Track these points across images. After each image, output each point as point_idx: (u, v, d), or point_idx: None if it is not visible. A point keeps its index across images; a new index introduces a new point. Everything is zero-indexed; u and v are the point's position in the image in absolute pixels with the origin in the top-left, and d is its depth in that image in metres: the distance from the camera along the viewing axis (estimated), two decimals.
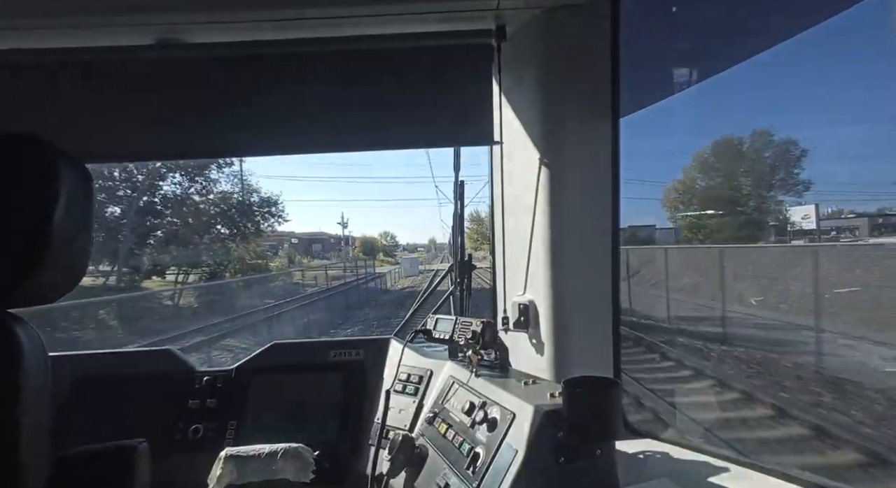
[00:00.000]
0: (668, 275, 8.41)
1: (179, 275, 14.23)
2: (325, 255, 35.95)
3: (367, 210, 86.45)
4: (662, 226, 14.10)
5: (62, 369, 1.37)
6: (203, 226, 14.83)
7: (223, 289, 11.21)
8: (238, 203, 15.80)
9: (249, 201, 16.20)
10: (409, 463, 1.09)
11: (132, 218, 13.36)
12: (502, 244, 1.37)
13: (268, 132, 1.33)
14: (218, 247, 14.99)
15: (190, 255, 14.30)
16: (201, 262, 14.65)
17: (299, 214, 58.37)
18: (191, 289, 12.33)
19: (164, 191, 14.65)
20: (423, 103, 1.31)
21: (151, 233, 14.09)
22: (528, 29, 1.22)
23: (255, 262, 15.92)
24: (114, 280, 12.90)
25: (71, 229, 0.73)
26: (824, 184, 10.71)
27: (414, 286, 21.39)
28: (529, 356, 1.24)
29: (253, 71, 1.30)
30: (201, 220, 14.90)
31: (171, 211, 14.72)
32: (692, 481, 0.95)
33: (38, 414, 0.71)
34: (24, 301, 0.73)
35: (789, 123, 10.75)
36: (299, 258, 23.60)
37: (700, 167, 13.01)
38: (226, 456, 1.14)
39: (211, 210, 15.24)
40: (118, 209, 13.59)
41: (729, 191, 11.34)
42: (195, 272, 14.60)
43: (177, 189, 14.88)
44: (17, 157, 0.69)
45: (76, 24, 1.15)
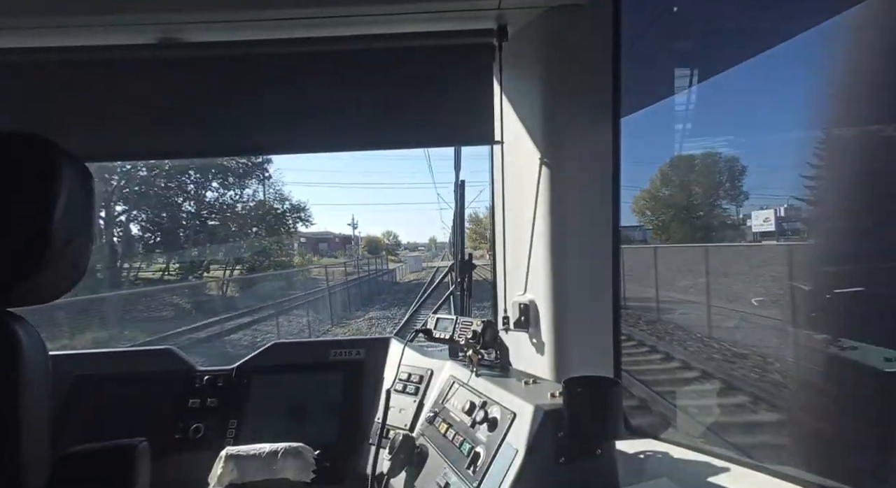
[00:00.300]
0: (626, 268, 9.28)
1: (226, 270, 16.87)
2: (332, 254, 38.37)
3: (370, 211, 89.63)
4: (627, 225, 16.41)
5: (63, 368, 1.37)
6: (244, 229, 17.67)
7: (263, 280, 13.35)
8: (273, 210, 18.84)
9: (283, 208, 19.31)
10: (409, 463, 1.09)
11: (183, 221, 16.06)
12: (503, 244, 1.37)
13: (268, 131, 1.33)
14: (256, 246, 17.67)
15: (233, 253, 16.99)
16: (243, 259, 17.27)
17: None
18: (236, 281, 14.66)
19: (208, 198, 17.36)
20: (423, 103, 1.31)
21: (201, 234, 16.57)
22: (529, 28, 1.22)
23: (281, 260, 18.54)
24: (172, 274, 15.49)
25: (71, 228, 0.72)
26: (758, 195, 12.78)
27: (418, 279, 25.27)
28: (530, 356, 1.24)
29: (253, 70, 1.30)
30: (243, 224, 17.72)
31: (218, 216, 17.39)
32: (692, 481, 0.95)
33: (38, 412, 0.71)
34: (25, 300, 0.73)
35: (733, 142, 12.70)
36: (309, 256, 25.82)
37: (661, 178, 15.53)
38: (226, 455, 1.14)
39: (251, 214, 18.18)
40: (169, 212, 16.07)
41: (685, 199, 13.69)
42: (237, 267, 17.33)
43: (221, 197, 17.73)
44: (17, 156, 0.69)
45: (77, 22, 1.15)
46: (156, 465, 0.86)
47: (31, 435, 0.69)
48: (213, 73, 1.29)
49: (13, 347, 0.69)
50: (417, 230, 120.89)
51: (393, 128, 1.33)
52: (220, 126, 1.33)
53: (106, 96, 1.29)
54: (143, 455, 0.82)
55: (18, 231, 0.67)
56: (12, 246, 0.67)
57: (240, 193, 18.06)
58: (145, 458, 0.83)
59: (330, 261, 21.99)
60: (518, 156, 1.27)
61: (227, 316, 10.46)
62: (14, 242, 0.67)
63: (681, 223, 13.67)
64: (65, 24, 1.16)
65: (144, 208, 15.55)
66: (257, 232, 18.09)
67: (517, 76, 1.27)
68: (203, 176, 16.60)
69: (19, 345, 0.69)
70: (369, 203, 75.83)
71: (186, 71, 1.29)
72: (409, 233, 78.50)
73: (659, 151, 12.75)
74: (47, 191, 0.68)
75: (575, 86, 1.18)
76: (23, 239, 0.67)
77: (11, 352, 0.68)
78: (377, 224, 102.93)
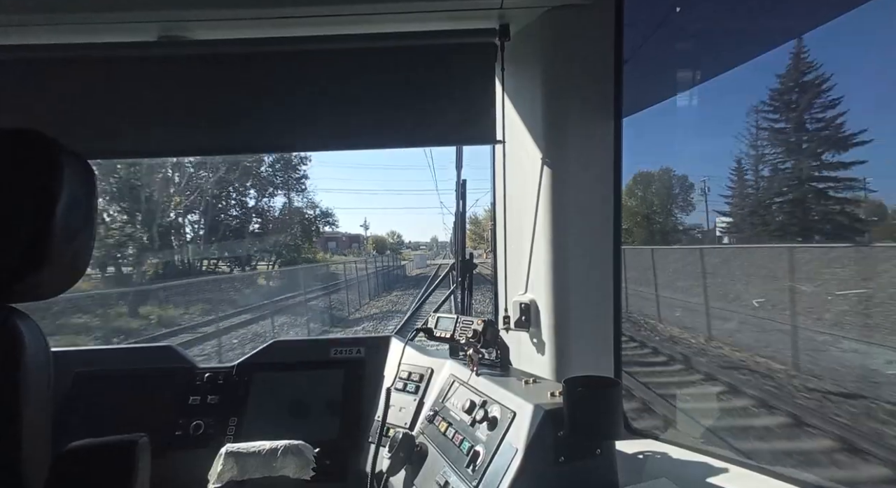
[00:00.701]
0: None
1: (269, 264, 20.57)
2: (341, 252, 42.25)
3: (374, 213, 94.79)
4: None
5: (64, 365, 1.37)
6: (282, 230, 21.36)
7: (297, 273, 15.42)
8: (306, 216, 23.29)
9: (314, 214, 23.71)
10: (409, 461, 1.09)
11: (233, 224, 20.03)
12: (504, 243, 1.37)
13: (269, 129, 1.33)
14: (291, 244, 21.38)
15: (275, 250, 20.78)
16: (282, 254, 20.92)
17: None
18: (277, 273, 17.62)
19: (251, 206, 21.36)
20: (426, 102, 1.31)
21: (247, 234, 20.43)
22: (531, 28, 1.22)
23: (308, 256, 22.54)
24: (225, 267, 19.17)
25: (73, 224, 0.73)
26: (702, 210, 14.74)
27: (424, 273, 30.16)
28: (530, 355, 1.24)
29: (255, 68, 1.30)
30: (281, 227, 21.56)
31: (260, 220, 21.54)
32: (692, 481, 0.95)
33: (39, 408, 0.71)
34: (27, 296, 0.73)
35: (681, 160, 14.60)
36: (321, 254, 29.24)
37: (626, 191, 17.43)
38: (226, 452, 1.14)
39: (288, 219, 22.02)
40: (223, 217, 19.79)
41: (646, 209, 15.71)
42: (277, 262, 20.91)
43: (260, 203, 21.62)
44: (19, 153, 0.69)
45: (79, 20, 1.16)
46: (156, 462, 0.86)
47: (32, 431, 0.69)
48: (214, 70, 1.29)
49: (15, 343, 0.69)
50: (419, 230, 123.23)
51: (395, 127, 1.33)
52: (221, 124, 1.33)
53: (108, 94, 1.29)
54: (144, 450, 0.82)
55: (20, 227, 0.68)
56: (14, 242, 0.67)
57: (280, 201, 22.55)
58: (146, 454, 0.83)
59: (344, 259, 25.45)
60: (519, 155, 1.27)
61: (291, 294, 12.79)
62: (16, 239, 0.67)
63: (642, 228, 15.83)
64: (66, 22, 1.16)
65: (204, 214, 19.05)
66: (293, 233, 21.75)
67: (519, 76, 1.27)
68: (246, 185, 20.57)
69: (21, 340, 0.69)
70: (376, 207, 79.97)
71: (187, 68, 1.29)
72: (412, 233, 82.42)
73: (628, 166, 14.87)
74: (49, 188, 0.69)
75: (577, 85, 1.18)
76: (25, 235, 0.68)
77: (13, 348, 0.68)
78: (381, 225, 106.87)
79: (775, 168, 9.34)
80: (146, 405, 1.37)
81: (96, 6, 1.11)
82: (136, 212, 15.21)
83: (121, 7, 1.12)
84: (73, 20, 1.16)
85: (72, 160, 0.72)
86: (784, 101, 8.07)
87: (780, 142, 8.78)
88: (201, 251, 18.40)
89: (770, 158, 9.30)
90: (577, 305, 1.18)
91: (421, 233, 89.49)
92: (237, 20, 1.19)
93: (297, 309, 12.01)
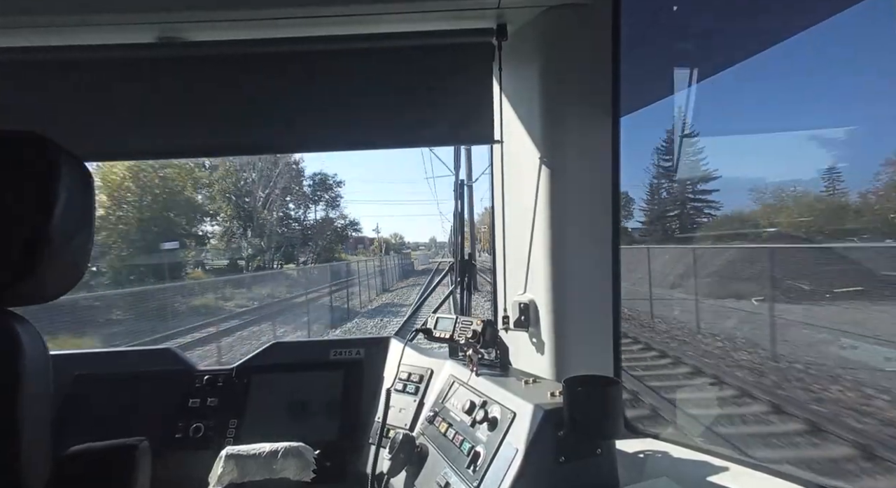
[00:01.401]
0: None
1: (309, 261, 25.01)
2: (351, 251, 47.13)
3: (381, 218, 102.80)
4: None
5: (63, 368, 1.37)
6: (317, 235, 27.31)
7: (328, 268, 17.73)
8: (336, 224, 29.26)
9: (345, 223, 30.04)
10: (409, 462, 1.09)
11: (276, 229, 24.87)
12: (503, 243, 1.37)
13: (267, 131, 1.33)
14: (325, 246, 27.07)
15: (313, 251, 26.14)
16: (319, 254, 25.94)
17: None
18: (314, 268, 19.97)
19: (294, 215, 27.03)
20: (423, 102, 1.31)
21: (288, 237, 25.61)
22: (529, 28, 1.22)
23: (337, 256, 27.65)
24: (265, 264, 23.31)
25: (71, 227, 0.72)
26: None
27: (428, 267, 37.31)
28: (530, 355, 1.24)
29: (253, 70, 1.30)
30: (318, 232, 27.42)
31: (301, 227, 27.09)
32: (692, 480, 0.95)
33: (38, 412, 0.71)
34: (24, 299, 0.73)
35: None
36: (343, 254, 33.73)
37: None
38: (226, 454, 1.14)
39: (323, 227, 28.02)
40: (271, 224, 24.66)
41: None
42: (311, 259, 25.45)
43: (302, 215, 27.59)
44: (17, 155, 0.69)
45: (76, 22, 1.15)
46: (156, 465, 0.86)
47: (31, 435, 0.69)
48: (211, 72, 1.29)
49: (13, 347, 0.68)
50: (419, 231, 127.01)
51: (392, 128, 1.33)
52: (218, 125, 1.33)
53: (106, 95, 1.29)
54: (144, 454, 0.82)
55: (18, 230, 0.67)
56: (12, 245, 0.67)
57: (319, 212, 28.58)
58: (146, 458, 0.83)
59: (364, 258, 29.70)
60: (518, 155, 1.27)
61: (335, 282, 15.57)
62: (14, 241, 0.67)
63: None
64: (64, 24, 1.16)
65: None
66: (329, 237, 28.08)
67: (517, 75, 1.27)
68: (294, 200, 26.63)
69: (19, 344, 0.69)
70: (384, 215, 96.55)
71: (185, 70, 1.29)
72: (413, 235, 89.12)
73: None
74: (47, 190, 0.68)
75: (575, 85, 1.18)
76: (23, 238, 0.67)
77: (12, 352, 0.68)
78: (385, 227, 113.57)
79: (667, 192, 14.14)
80: (146, 407, 1.36)
81: (94, 8, 1.11)
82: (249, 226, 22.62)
83: (119, 9, 1.12)
84: (70, 22, 1.15)
85: (69, 162, 0.72)
86: (668, 146, 10.88)
87: (667, 174, 12.95)
88: (272, 252, 23.87)
89: (664, 186, 13.95)
90: (577, 304, 1.18)
91: (420, 235, 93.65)
92: (236, 21, 1.19)
93: (353, 289, 16.08)
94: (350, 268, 17.99)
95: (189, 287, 13.31)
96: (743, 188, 13.28)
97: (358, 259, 24.61)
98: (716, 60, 1.78)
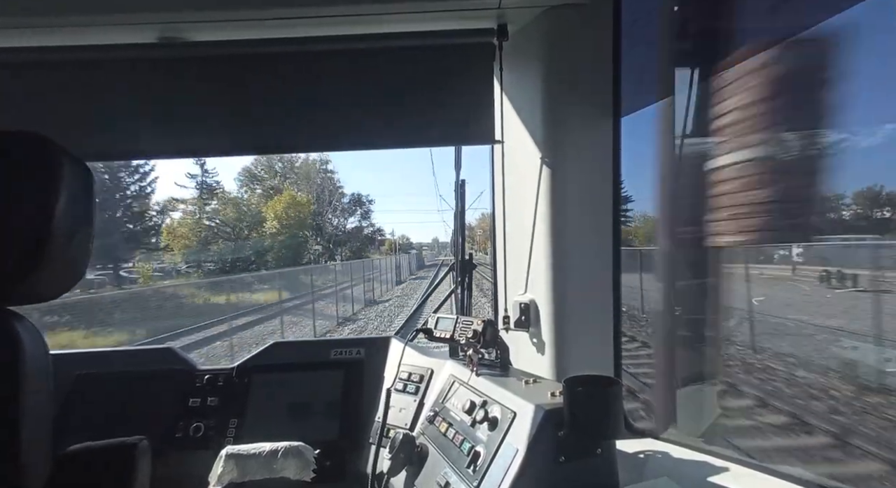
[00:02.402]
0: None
1: (342, 258, 31.38)
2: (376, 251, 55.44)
3: (388, 222, 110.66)
4: None
5: (63, 367, 1.37)
6: (353, 238, 36.02)
7: (359, 263, 22.58)
8: (364, 231, 38.57)
9: (373, 229, 40.50)
10: (409, 462, 1.09)
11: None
12: (503, 243, 1.37)
13: (269, 130, 1.33)
14: (359, 246, 35.69)
15: (348, 249, 34.13)
16: (353, 253, 33.61)
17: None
18: (347, 264, 23.85)
19: (334, 223, 35.27)
20: (424, 102, 1.31)
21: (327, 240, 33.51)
22: (529, 28, 1.22)
23: (365, 255, 34.87)
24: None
25: (72, 226, 0.73)
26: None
27: (434, 263, 47.62)
28: (530, 355, 1.24)
29: (253, 70, 1.30)
30: (350, 237, 35.94)
31: (340, 233, 35.28)
32: (692, 481, 0.95)
33: (39, 411, 0.71)
34: (25, 298, 0.73)
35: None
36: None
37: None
38: (227, 454, 1.14)
39: (355, 233, 37.17)
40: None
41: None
42: (348, 256, 32.40)
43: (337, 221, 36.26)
44: (18, 155, 0.69)
45: (78, 22, 1.16)
46: (156, 464, 0.86)
47: (32, 434, 0.69)
48: (212, 72, 1.29)
49: (14, 346, 0.69)
50: (423, 233, 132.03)
51: (393, 128, 1.33)
52: (219, 126, 1.33)
53: (107, 95, 1.29)
54: (144, 453, 0.82)
55: (19, 229, 0.68)
56: (13, 244, 0.67)
57: (352, 221, 37.95)
58: (146, 457, 0.83)
59: (381, 256, 37.64)
60: (518, 155, 1.27)
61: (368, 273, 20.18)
62: (15, 241, 0.67)
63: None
64: (65, 24, 1.16)
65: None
66: (362, 240, 37.10)
67: (518, 75, 1.27)
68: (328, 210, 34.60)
69: (20, 343, 0.69)
70: (395, 221, 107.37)
71: (186, 70, 1.29)
72: (417, 236, 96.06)
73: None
74: (48, 190, 0.68)
75: (575, 85, 1.18)
76: (23, 237, 0.67)
77: (12, 351, 0.68)
78: (395, 230, 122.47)
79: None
80: (146, 407, 1.36)
81: (96, 8, 1.11)
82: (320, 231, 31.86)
83: (120, 9, 1.12)
84: (72, 22, 1.16)
85: (71, 162, 0.72)
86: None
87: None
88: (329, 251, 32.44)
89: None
90: (577, 304, 1.18)
91: (424, 236, 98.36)
92: (236, 21, 1.19)
93: (384, 276, 21.74)
94: (379, 263, 24.85)
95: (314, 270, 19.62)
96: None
97: (381, 257, 32.82)
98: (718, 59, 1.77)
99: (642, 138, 1.32)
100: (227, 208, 29.49)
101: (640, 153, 1.34)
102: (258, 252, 27.38)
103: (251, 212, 30.04)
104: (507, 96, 1.29)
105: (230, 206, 29.66)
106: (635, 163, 1.35)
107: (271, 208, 28.93)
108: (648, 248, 10.76)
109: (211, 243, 26.97)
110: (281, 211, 28.64)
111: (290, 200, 29.60)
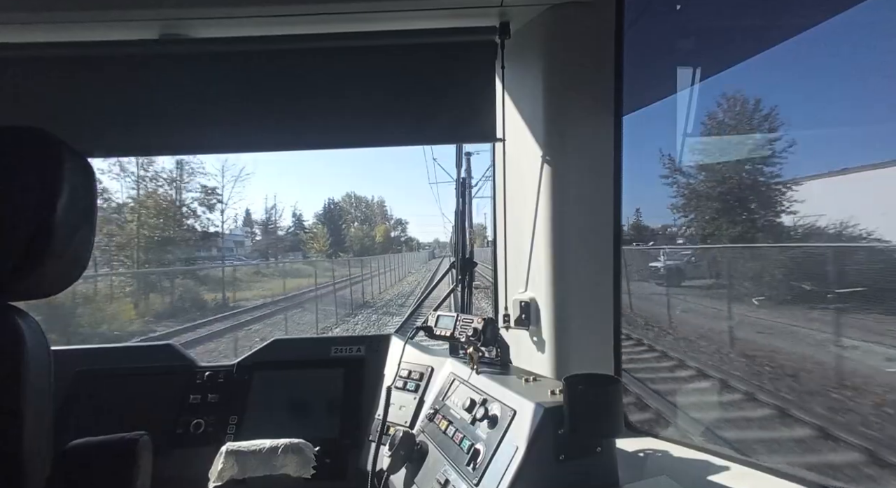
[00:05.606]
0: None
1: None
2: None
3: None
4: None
5: (64, 363, 1.37)
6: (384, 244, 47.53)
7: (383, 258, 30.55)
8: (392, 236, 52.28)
9: (401, 236, 57.04)
10: (409, 460, 1.09)
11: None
12: (504, 241, 1.36)
13: (270, 128, 1.33)
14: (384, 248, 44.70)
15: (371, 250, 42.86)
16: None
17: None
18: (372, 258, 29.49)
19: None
20: (426, 100, 1.31)
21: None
22: (531, 26, 1.21)
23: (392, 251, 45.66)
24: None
25: (73, 222, 0.73)
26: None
27: (439, 259, 51.73)
28: (530, 353, 1.24)
29: (255, 67, 1.30)
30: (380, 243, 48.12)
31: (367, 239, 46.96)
32: (692, 479, 0.95)
33: (39, 406, 0.71)
34: (26, 293, 0.73)
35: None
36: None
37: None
38: (227, 450, 1.14)
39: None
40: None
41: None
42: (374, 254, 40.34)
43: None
44: (20, 150, 0.69)
45: (79, 18, 1.15)
46: (156, 461, 0.86)
47: (33, 429, 0.69)
48: (213, 69, 1.29)
49: (15, 341, 0.69)
50: (426, 233, 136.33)
51: (395, 126, 1.33)
52: (219, 122, 1.33)
53: (107, 92, 1.29)
54: (145, 449, 0.82)
55: (21, 225, 0.68)
56: (15, 239, 0.67)
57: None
58: (147, 452, 0.83)
59: (399, 253, 46.86)
60: (520, 153, 1.27)
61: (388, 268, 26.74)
62: (16, 236, 0.67)
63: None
64: (67, 20, 1.16)
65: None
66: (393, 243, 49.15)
67: (519, 73, 1.27)
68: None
69: (21, 339, 0.69)
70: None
71: (188, 67, 1.28)
72: (421, 235, 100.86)
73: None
74: (50, 186, 0.68)
75: (577, 83, 1.18)
76: (25, 232, 0.67)
77: (14, 346, 0.68)
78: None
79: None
80: (147, 403, 1.37)
81: (97, 5, 1.11)
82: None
83: (122, 5, 1.12)
84: (73, 19, 1.15)
85: (72, 157, 0.72)
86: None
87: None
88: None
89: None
90: (577, 303, 1.18)
91: (426, 235, 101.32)
92: (238, 18, 1.19)
93: (401, 269, 28.07)
94: (408, 255, 35.58)
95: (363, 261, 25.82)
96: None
97: (404, 253, 44.07)
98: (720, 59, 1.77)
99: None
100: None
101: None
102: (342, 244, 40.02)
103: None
104: (509, 94, 1.29)
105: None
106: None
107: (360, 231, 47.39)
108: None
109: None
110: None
111: (384, 232, 49.05)
